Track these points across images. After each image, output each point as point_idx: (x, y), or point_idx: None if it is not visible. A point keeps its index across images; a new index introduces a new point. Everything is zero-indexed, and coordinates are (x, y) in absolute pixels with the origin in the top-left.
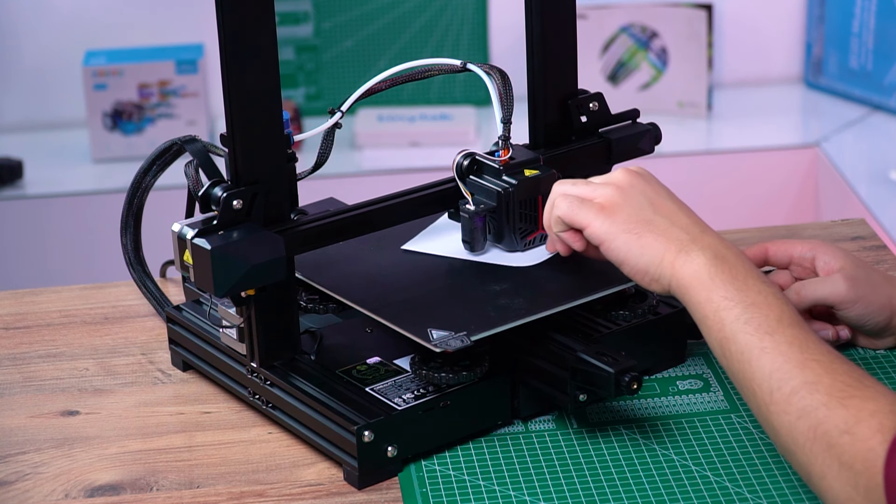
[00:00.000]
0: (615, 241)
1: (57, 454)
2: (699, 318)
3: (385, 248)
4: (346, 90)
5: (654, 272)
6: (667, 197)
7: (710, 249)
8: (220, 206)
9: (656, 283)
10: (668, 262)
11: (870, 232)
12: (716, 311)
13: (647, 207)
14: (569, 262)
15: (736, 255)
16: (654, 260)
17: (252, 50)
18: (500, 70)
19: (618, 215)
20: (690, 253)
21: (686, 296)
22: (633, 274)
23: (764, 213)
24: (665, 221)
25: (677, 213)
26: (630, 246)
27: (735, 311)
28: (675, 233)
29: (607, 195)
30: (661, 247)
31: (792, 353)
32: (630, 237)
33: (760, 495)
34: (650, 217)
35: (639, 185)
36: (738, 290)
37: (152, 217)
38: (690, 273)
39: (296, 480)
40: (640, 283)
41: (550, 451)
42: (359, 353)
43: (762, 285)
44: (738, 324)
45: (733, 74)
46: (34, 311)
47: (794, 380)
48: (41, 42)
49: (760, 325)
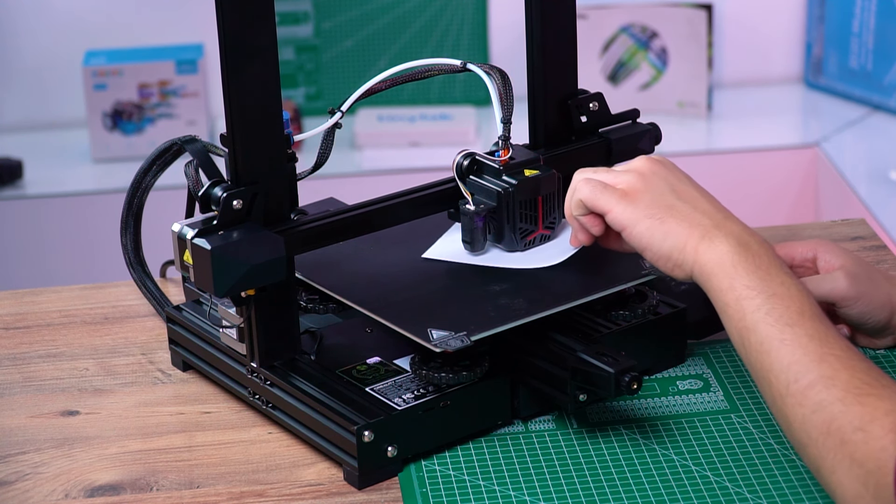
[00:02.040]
0: (637, 226)
1: (57, 454)
2: (720, 305)
3: (385, 248)
4: (346, 90)
5: (676, 257)
6: (689, 183)
7: (733, 236)
8: (220, 206)
9: (679, 269)
10: (692, 248)
11: (870, 232)
12: (737, 299)
13: (670, 193)
14: (569, 263)
15: (759, 244)
16: (678, 245)
17: (252, 50)
18: (500, 70)
19: (640, 201)
20: (714, 239)
21: (708, 283)
22: (655, 259)
23: (764, 213)
24: (688, 207)
25: (700, 198)
26: (653, 231)
27: (757, 300)
28: (697, 218)
29: (629, 181)
30: (685, 232)
31: (812, 347)
32: (653, 222)
33: (760, 495)
34: (672, 202)
35: (660, 171)
36: (761, 280)
37: (152, 217)
38: (713, 259)
39: (296, 480)
40: (662, 270)
41: (550, 451)
42: (359, 353)
43: (785, 276)
44: (760, 314)
45: (733, 74)
46: (34, 311)
47: (812, 373)
48: (41, 42)
49: (781, 316)
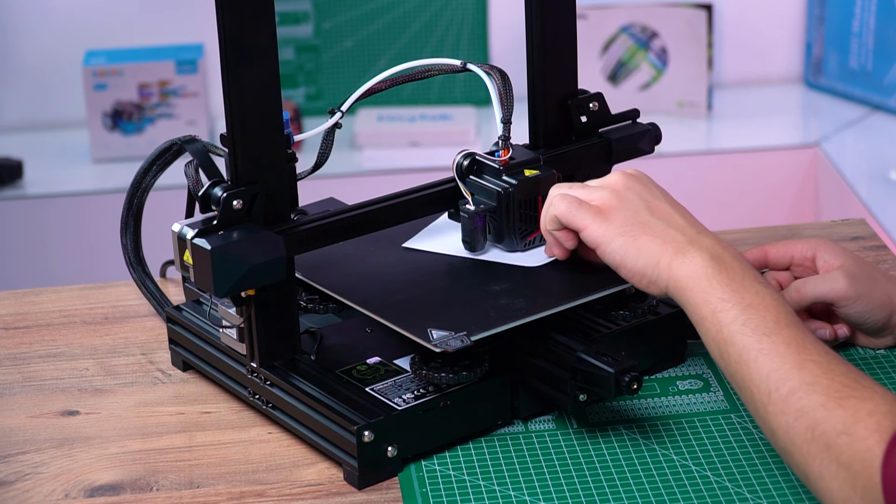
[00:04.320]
0: (611, 244)
1: (57, 454)
2: (697, 320)
3: (385, 248)
4: (346, 90)
5: (651, 274)
6: (663, 199)
7: (706, 251)
8: (220, 206)
9: (654, 286)
10: (665, 264)
11: (870, 232)
12: (713, 312)
13: (643, 210)
14: (569, 262)
15: (733, 257)
16: (651, 262)
17: (252, 50)
18: (500, 70)
19: (614, 218)
20: (687, 255)
21: (683, 298)
22: (630, 277)
23: (764, 213)
24: (661, 224)
25: (674, 214)
26: (626, 249)
27: (732, 312)
28: (671, 235)
29: (603, 198)
30: (658, 249)
31: (789, 354)
32: (626, 240)
33: (760, 495)
34: (646, 219)
35: (635, 187)
36: (736, 292)
37: (152, 217)
38: (687, 275)
39: (296, 480)
40: (637, 286)
41: (550, 451)
42: (359, 353)
43: (759, 286)
44: (736, 325)
45: (733, 74)
46: (34, 311)
47: (792, 381)
48: (41, 42)
49: (758, 326)
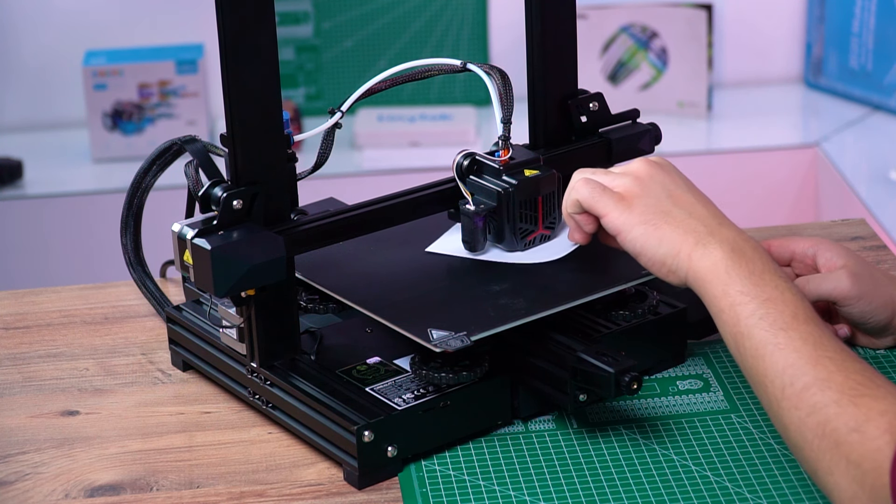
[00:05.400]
0: (632, 231)
1: (57, 454)
2: (715, 311)
3: (385, 248)
4: (346, 90)
5: (671, 264)
6: (686, 188)
7: (727, 242)
8: (220, 206)
9: (673, 275)
10: (686, 255)
11: (870, 232)
12: (731, 305)
13: (666, 199)
14: (569, 262)
15: (753, 249)
16: (672, 252)
17: (252, 50)
18: (500, 70)
19: (636, 206)
20: (708, 246)
21: (702, 289)
22: (650, 265)
23: (764, 213)
24: (683, 213)
25: (696, 204)
26: (647, 237)
27: (751, 306)
28: (692, 225)
29: (626, 185)
30: (679, 238)
31: (805, 350)
32: (647, 228)
33: (760, 495)
34: (668, 208)
35: (658, 175)
36: (755, 285)
37: (152, 217)
38: (707, 266)
39: (296, 480)
40: (657, 275)
41: (550, 451)
42: (359, 353)
43: (779, 280)
44: (754, 319)
45: (733, 74)
46: (34, 311)
47: (806, 376)
48: (41, 42)
49: (776, 320)
